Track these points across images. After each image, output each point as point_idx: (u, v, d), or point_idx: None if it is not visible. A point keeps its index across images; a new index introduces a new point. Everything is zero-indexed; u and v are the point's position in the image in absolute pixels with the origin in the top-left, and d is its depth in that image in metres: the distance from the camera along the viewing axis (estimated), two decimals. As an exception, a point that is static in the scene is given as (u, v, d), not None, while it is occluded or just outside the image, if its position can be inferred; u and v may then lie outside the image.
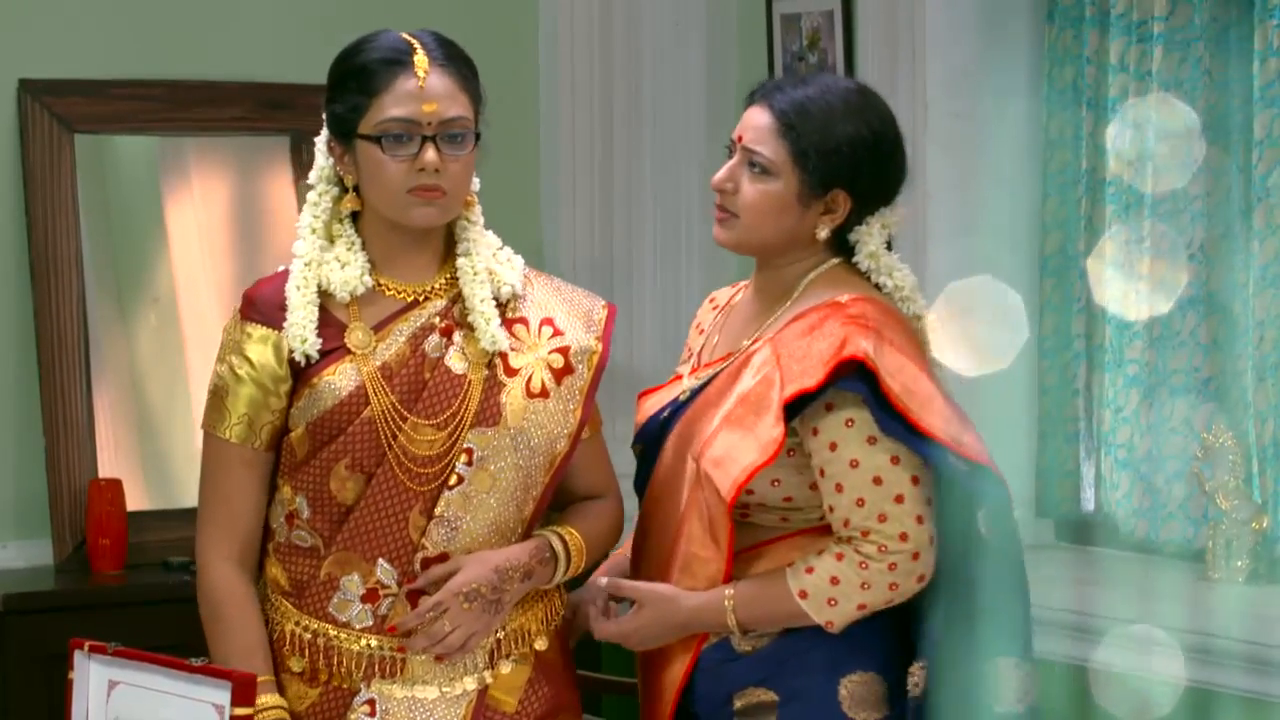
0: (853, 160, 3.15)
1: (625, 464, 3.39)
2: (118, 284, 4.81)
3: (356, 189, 3.13)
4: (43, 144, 4.66)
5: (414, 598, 3.12)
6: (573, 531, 3.22)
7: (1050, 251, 4.55)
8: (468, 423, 3.12)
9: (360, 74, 3.09)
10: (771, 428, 3.08)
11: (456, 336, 3.14)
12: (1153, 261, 4.28)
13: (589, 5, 5.16)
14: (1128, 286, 4.37)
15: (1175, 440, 4.31)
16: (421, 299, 3.16)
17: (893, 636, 3.17)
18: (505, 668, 3.18)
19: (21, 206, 4.65)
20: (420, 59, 3.08)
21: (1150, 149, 4.30)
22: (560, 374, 3.19)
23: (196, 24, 4.85)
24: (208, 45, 4.86)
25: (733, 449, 3.11)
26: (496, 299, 3.18)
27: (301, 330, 3.10)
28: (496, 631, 3.16)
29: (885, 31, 4.62)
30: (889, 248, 3.22)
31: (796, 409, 3.08)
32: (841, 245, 3.22)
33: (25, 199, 4.64)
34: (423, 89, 3.07)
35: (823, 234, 3.18)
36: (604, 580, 3.25)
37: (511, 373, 3.16)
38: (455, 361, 3.13)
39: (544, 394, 3.17)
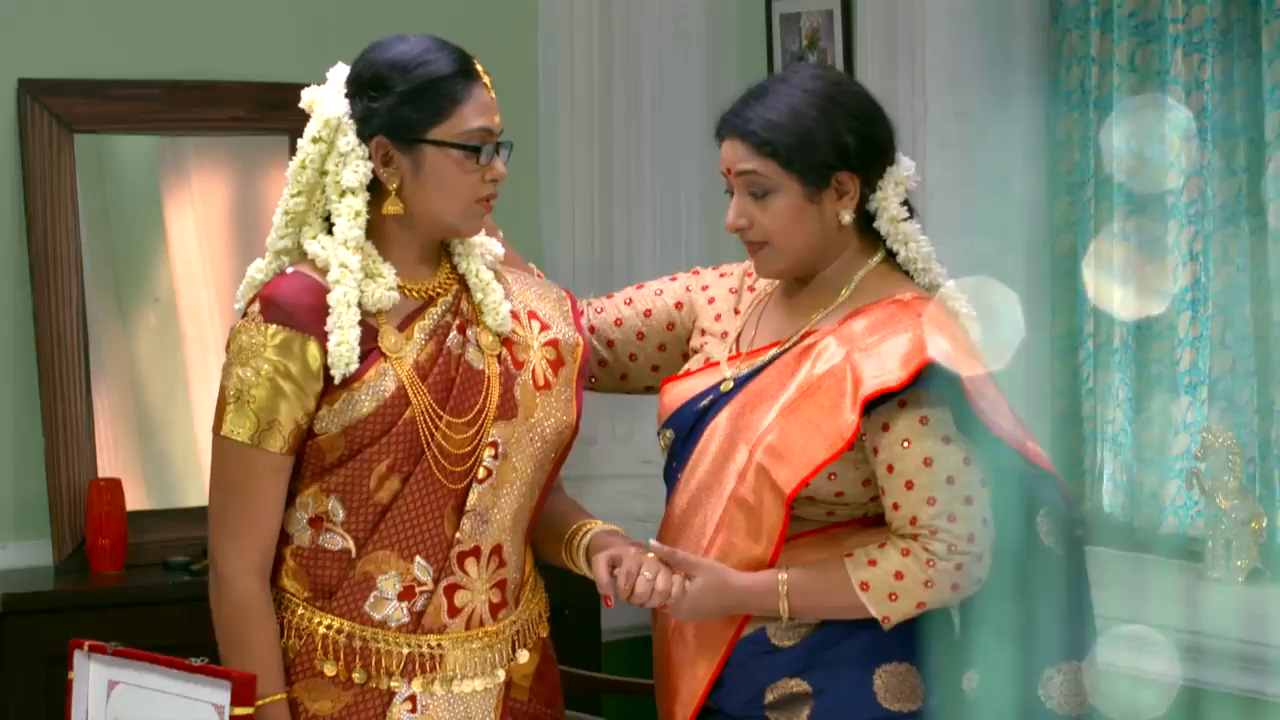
0: (838, 145, 3.16)
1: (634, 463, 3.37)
2: (117, 284, 4.80)
3: (396, 192, 3.12)
4: (42, 144, 4.66)
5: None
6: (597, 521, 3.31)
7: (1061, 252, 4.55)
8: (491, 416, 3.15)
9: (443, 81, 3.09)
10: (845, 417, 3.07)
11: (470, 331, 3.17)
12: (1157, 262, 4.28)
13: (589, 5, 5.16)
14: (1130, 287, 4.37)
15: (1175, 440, 4.31)
16: (434, 295, 3.18)
17: (928, 627, 3.16)
18: (523, 656, 3.22)
19: (21, 206, 4.65)
20: (480, 70, 3.13)
21: (1155, 150, 4.30)
22: (555, 366, 3.24)
23: (196, 24, 4.85)
24: (208, 45, 4.85)
25: (796, 441, 3.11)
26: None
27: (348, 354, 3.06)
28: (515, 621, 3.21)
29: (885, 31, 4.62)
30: (910, 212, 3.23)
31: (868, 405, 3.08)
32: (867, 222, 3.22)
33: (25, 199, 4.64)
34: (492, 99, 3.13)
35: (846, 218, 3.19)
36: (655, 543, 3.17)
37: (519, 365, 3.20)
38: (474, 357, 3.16)
39: (547, 386, 3.22)
